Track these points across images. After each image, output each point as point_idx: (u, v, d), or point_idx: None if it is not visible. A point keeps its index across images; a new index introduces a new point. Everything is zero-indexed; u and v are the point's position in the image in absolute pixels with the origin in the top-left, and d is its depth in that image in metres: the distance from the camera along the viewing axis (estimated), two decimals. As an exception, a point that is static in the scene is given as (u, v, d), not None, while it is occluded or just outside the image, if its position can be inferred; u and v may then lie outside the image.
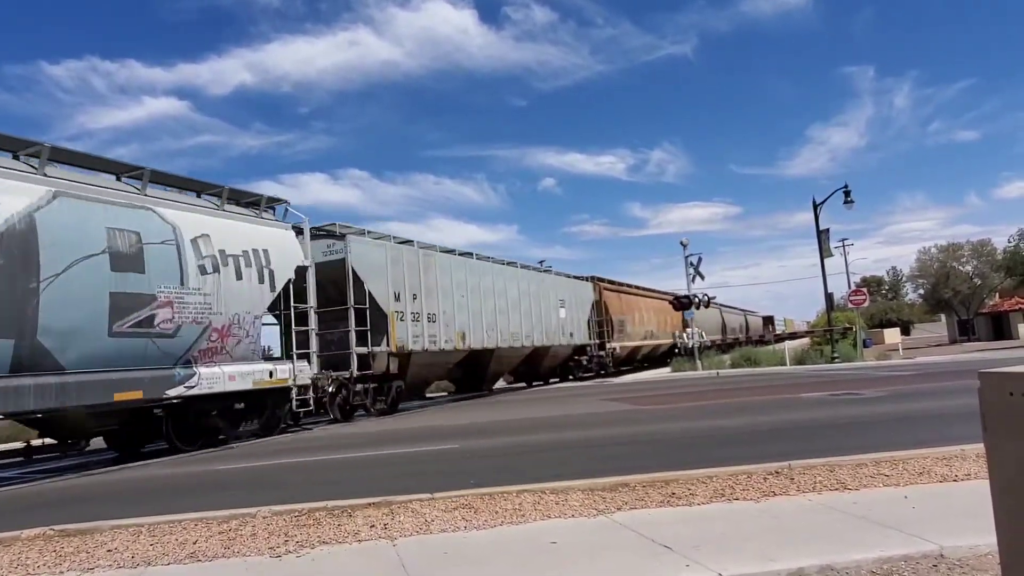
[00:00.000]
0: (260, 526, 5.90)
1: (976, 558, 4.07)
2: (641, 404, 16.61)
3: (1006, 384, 2.24)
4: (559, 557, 4.62)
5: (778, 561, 4.17)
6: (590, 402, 18.20)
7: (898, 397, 13.64)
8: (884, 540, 4.44)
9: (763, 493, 5.97)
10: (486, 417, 16.26)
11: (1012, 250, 48.53)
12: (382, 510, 6.18)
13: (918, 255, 62.74)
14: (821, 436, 9.17)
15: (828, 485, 6.08)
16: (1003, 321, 54.62)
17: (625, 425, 12.47)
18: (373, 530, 5.59)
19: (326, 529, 5.68)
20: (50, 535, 6.03)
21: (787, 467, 6.74)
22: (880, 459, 6.84)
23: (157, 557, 5.22)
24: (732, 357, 33.32)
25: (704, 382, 24.01)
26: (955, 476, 6.09)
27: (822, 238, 31.03)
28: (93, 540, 5.80)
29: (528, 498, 6.25)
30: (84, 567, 5.11)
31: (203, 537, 5.68)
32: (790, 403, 14.13)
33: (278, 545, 5.31)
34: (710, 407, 14.67)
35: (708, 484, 6.36)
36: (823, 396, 14.88)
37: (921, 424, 9.72)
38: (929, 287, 60.89)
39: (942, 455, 6.81)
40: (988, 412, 2.31)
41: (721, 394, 17.74)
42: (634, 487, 6.43)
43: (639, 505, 5.85)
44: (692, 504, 5.80)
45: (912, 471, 6.34)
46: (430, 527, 5.57)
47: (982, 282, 56.78)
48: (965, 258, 58.90)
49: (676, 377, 29.18)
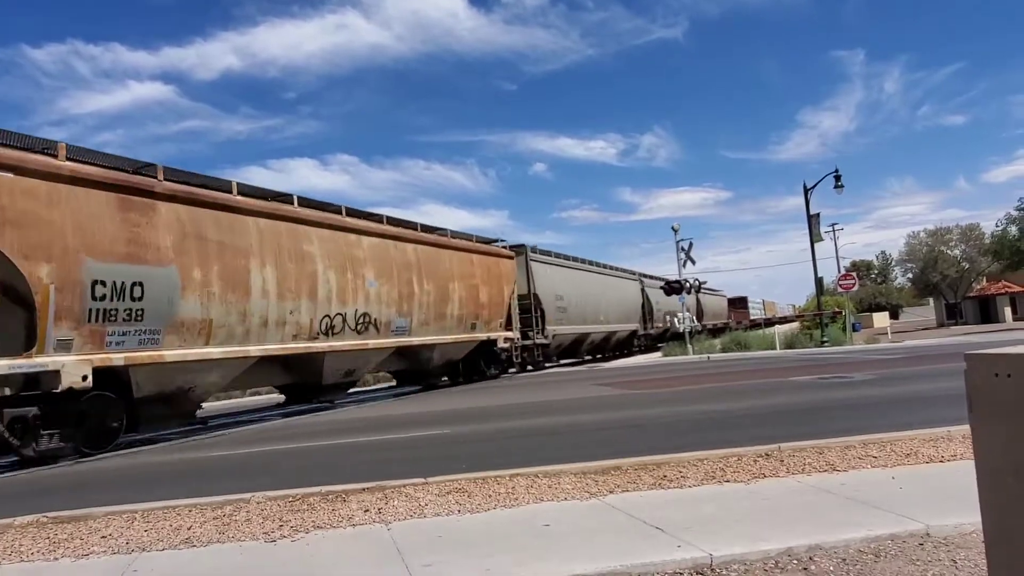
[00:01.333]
0: (254, 511, 5.93)
1: (961, 536, 4.14)
2: (633, 388, 16.71)
3: (992, 366, 2.27)
4: (552, 539, 4.67)
5: (768, 541, 4.24)
6: (583, 386, 18.31)
7: (886, 380, 13.77)
8: (871, 520, 4.51)
9: (753, 475, 6.04)
10: (483, 402, 16.33)
11: (1000, 234, 48.85)
12: (376, 495, 6.22)
13: (907, 239, 63.28)
14: (810, 419, 9.26)
15: (817, 467, 6.16)
16: (990, 305, 55.22)
17: (617, 409, 12.55)
18: (367, 514, 5.62)
19: (320, 514, 5.71)
20: (43, 522, 6.03)
21: (777, 449, 6.82)
22: (868, 441, 6.93)
23: (151, 543, 5.23)
24: (723, 341, 33.54)
25: (695, 366, 24.16)
26: (942, 457, 6.17)
27: (812, 223, 31.16)
28: (87, 526, 5.81)
29: (521, 481, 6.30)
30: (78, 553, 5.12)
31: (197, 523, 5.70)
32: (780, 386, 14.25)
33: (273, 530, 5.34)
34: (701, 391, 14.78)
35: (699, 467, 6.42)
36: (812, 379, 15.01)
37: (909, 406, 9.83)
38: (918, 271, 61.42)
39: (929, 437, 6.90)
40: (974, 393, 2.35)
41: (712, 378, 17.86)
42: (626, 470, 6.49)
43: (631, 488, 5.91)
44: (683, 486, 5.86)
45: (899, 452, 6.43)
46: (424, 511, 5.61)
47: (970, 266, 57.28)
48: (954, 242, 59.38)
49: (667, 361, 29.35)
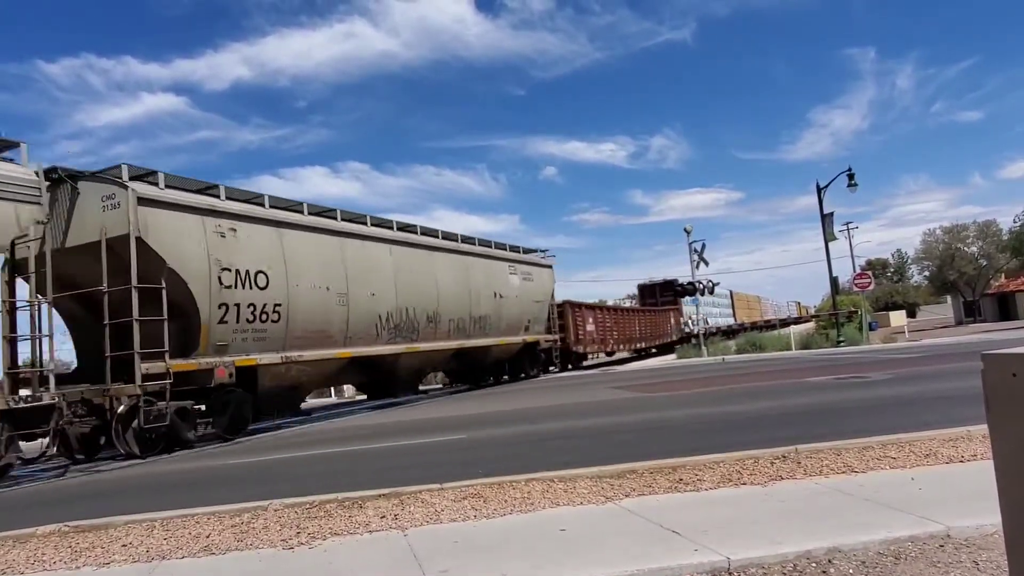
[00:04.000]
0: (272, 519, 5.97)
1: (982, 537, 4.10)
2: (648, 392, 16.65)
3: (1009, 365, 2.25)
4: (568, 544, 4.66)
5: (785, 544, 4.21)
6: (597, 390, 18.26)
7: (904, 380, 13.64)
8: (891, 522, 4.47)
9: (770, 477, 6.00)
10: (498, 406, 16.32)
11: (1018, 230, 48.31)
12: (392, 501, 6.23)
13: (923, 237, 62.55)
14: (827, 420, 9.19)
15: (835, 468, 6.11)
16: (1009, 302, 54.41)
17: (632, 412, 12.51)
18: (384, 520, 5.64)
19: (337, 521, 5.74)
20: (65, 531, 6.11)
21: (794, 451, 6.77)
22: (886, 442, 6.86)
23: (171, 551, 5.28)
24: (737, 343, 33.35)
25: (710, 368, 24.04)
26: (961, 457, 6.10)
27: (826, 222, 30.92)
28: (107, 535, 5.87)
29: (537, 486, 6.30)
30: (100, 562, 5.18)
31: (216, 531, 5.74)
32: (796, 388, 14.15)
33: (290, 537, 5.38)
34: (716, 393, 14.70)
35: (715, 469, 6.39)
36: (829, 380, 14.89)
37: (927, 406, 9.73)
38: (935, 269, 60.71)
39: (948, 437, 6.82)
40: (991, 393, 2.33)
41: (727, 380, 17.77)
42: (642, 473, 6.47)
43: (647, 491, 5.89)
44: (700, 489, 5.84)
45: (918, 453, 6.37)
46: (440, 517, 5.63)
47: (988, 263, 56.58)
48: (971, 239, 58.68)
49: (682, 364, 29.21)
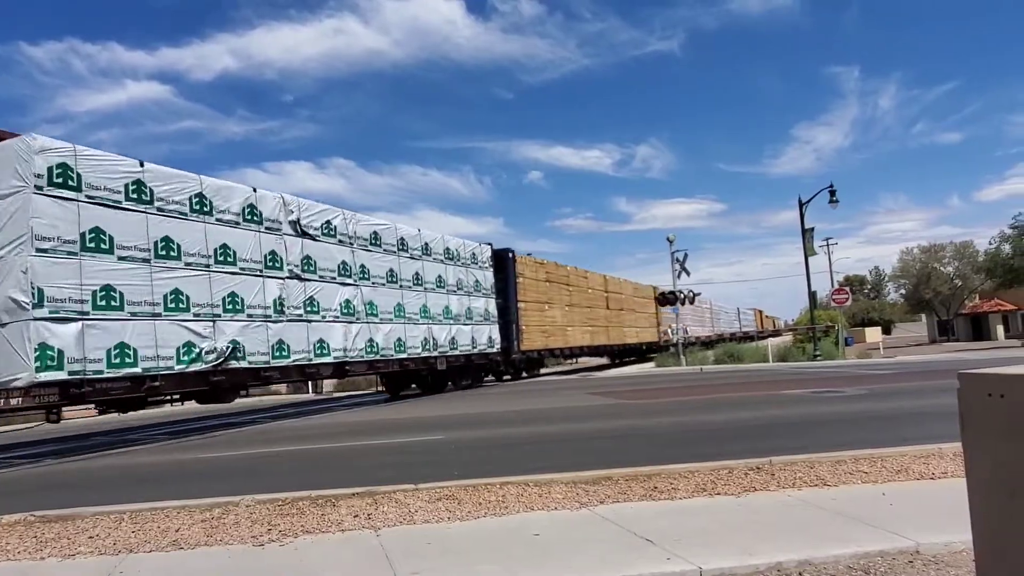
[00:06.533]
0: (243, 515, 5.89)
1: (951, 555, 4.15)
2: (625, 399, 16.70)
3: (984, 385, 2.29)
4: (542, 549, 4.65)
5: (757, 556, 4.23)
6: (574, 395, 18.29)
7: (878, 395, 13.81)
8: (861, 536, 4.52)
9: (744, 488, 6.04)
10: (475, 409, 16.28)
11: (993, 252, 49.14)
12: (366, 500, 6.19)
13: (901, 255, 63.55)
14: (801, 433, 9.27)
15: (808, 481, 6.16)
16: (982, 322, 55.46)
17: (609, 419, 12.54)
18: (357, 520, 5.60)
19: (310, 519, 5.68)
20: (31, 521, 5.99)
21: (768, 463, 6.82)
22: (859, 456, 6.94)
23: (139, 544, 5.20)
24: (716, 353, 33.55)
25: (688, 378, 24.17)
26: (932, 474, 6.18)
27: (807, 237, 31.28)
28: (74, 526, 5.77)
29: (511, 490, 6.28)
30: (65, 553, 5.08)
31: (185, 525, 5.66)
32: (772, 400, 14.27)
33: (261, 534, 5.31)
34: (692, 403, 14.78)
35: (690, 479, 6.41)
36: (804, 393, 15.03)
37: (900, 422, 9.86)
38: (911, 287, 61.64)
39: (920, 453, 6.91)
40: (967, 412, 2.36)
41: (704, 390, 17.88)
42: (617, 480, 6.48)
43: (622, 498, 5.90)
44: (674, 498, 5.86)
45: (890, 468, 6.44)
46: (413, 517, 5.59)
47: (963, 283, 57.54)
48: (947, 259, 59.66)
49: (660, 372, 29.35)
